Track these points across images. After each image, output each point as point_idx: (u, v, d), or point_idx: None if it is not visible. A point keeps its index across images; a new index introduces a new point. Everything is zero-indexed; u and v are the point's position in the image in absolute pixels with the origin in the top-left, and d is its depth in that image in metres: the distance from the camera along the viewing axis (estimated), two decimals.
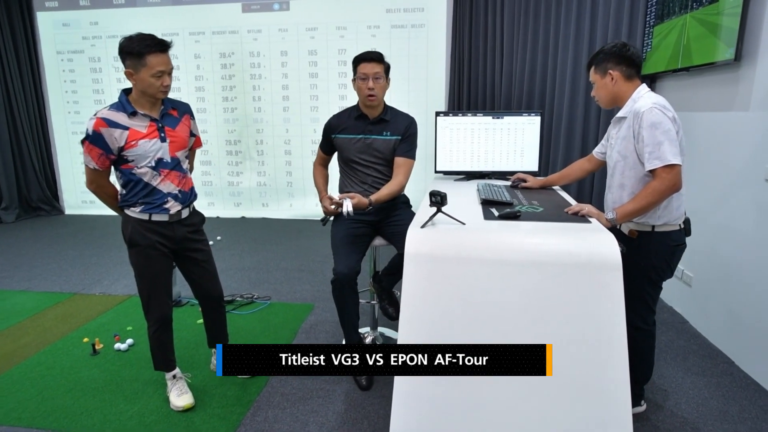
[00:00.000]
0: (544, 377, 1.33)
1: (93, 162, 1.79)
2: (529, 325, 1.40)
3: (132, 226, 1.88)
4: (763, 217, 2.24)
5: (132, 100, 1.81)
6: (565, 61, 3.85)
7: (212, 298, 2.18)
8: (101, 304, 3.21)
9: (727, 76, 2.49)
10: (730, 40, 2.35)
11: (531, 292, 1.42)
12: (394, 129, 2.25)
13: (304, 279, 3.65)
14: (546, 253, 1.45)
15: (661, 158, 1.65)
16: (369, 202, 2.11)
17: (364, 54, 2.17)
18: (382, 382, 2.15)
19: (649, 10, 3.22)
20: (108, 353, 2.57)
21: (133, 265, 1.94)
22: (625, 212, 1.71)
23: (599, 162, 2.14)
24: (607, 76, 1.83)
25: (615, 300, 1.38)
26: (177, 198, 1.93)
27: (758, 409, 2.09)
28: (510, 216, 1.69)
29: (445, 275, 1.47)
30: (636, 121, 1.71)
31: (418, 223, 1.62)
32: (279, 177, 5.51)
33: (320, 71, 5.18)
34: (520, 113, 2.53)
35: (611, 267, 1.40)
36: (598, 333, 1.36)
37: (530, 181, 2.29)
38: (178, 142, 1.91)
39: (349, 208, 2.01)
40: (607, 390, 1.31)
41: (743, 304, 2.36)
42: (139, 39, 1.72)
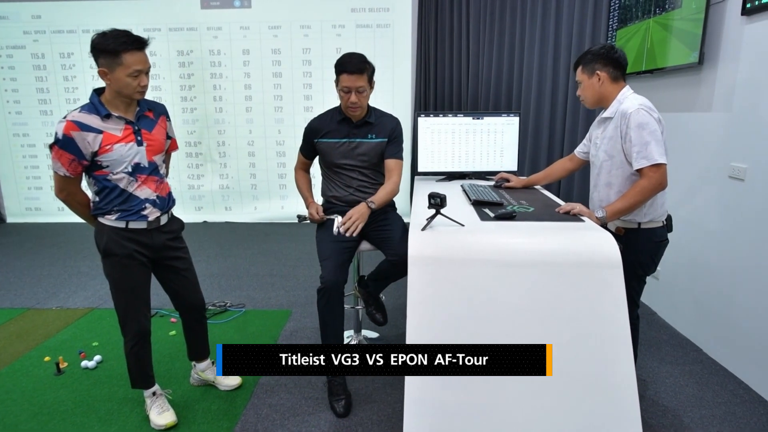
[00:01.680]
0: (554, 377, 1.34)
1: (63, 168, 1.65)
2: (535, 324, 1.41)
3: (107, 235, 1.75)
4: (726, 212, 2.37)
5: (105, 101, 1.68)
6: (531, 62, 3.95)
7: (194, 309, 2.07)
8: (59, 319, 2.99)
9: (690, 79, 2.63)
10: (693, 44, 2.47)
11: (535, 292, 1.43)
12: (380, 131, 2.22)
13: (277, 284, 3.54)
14: (548, 252, 1.47)
15: (648, 158, 1.71)
16: (370, 209, 2.05)
17: (346, 65, 2.04)
18: (360, 408, 2.09)
19: (612, 14, 3.35)
20: (74, 372, 2.39)
21: (108, 276, 1.81)
22: (615, 210, 1.76)
23: (581, 161, 2.20)
24: (594, 76, 1.88)
25: (617, 297, 1.41)
26: (155, 204, 1.81)
27: (729, 393, 2.20)
28: (506, 216, 1.70)
29: (450, 278, 1.45)
30: (623, 121, 1.77)
31: (418, 226, 1.60)
32: (242, 179, 5.35)
33: (284, 71, 5.06)
34: (500, 114, 2.56)
35: (612, 264, 1.43)
36: (602, 330, 1.39)
37: (513, 181, 2.32)
38: (156, 146, 1.80)
39: (339, 227, 1.95)
40: (614, 386, 1.34)
41: (709, 295, 2.49)
42: (114, 36, 1.59)
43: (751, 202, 2.21)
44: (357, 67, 2.03)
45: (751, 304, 2.21)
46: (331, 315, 2.04)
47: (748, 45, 2.24)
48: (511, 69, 4.16)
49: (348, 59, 2.05)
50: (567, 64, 3.70)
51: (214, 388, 2.23)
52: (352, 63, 2.04)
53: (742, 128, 2.27)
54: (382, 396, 2.19)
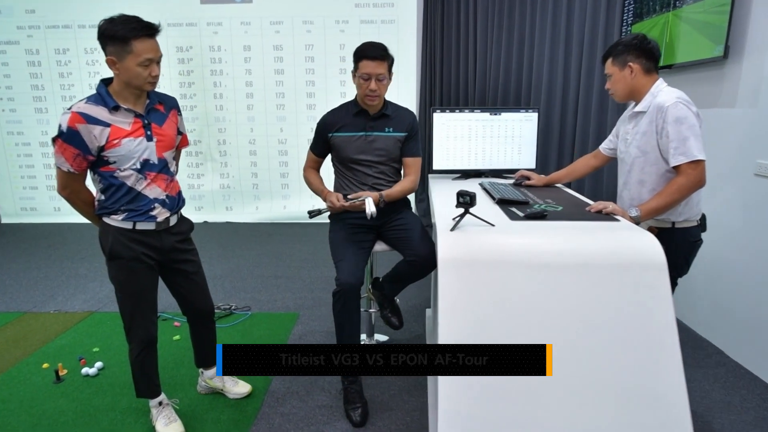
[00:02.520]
0: (598, 388, 1.25)
1: (67, 164, 1.54)
2: (577, 330, 1.32)
3: (113, 237, 1.64)
4: (750, 211, 2.29)
5: (113, 93, 1.57)
6: (541, 58, 3.86)
7: (203, 314, 1.96)
8: (58, 323, 2.87)
9: (712, 73, 2.55)
10: (718, 38, 2.39)
11: (576, 296, 1.34)
12: (397, 125, 2.12)
13: (283, 286, 3.44)
14: (587, 254, 1.38)
15: (687, 154, 1.62)
16: (380, 196, 1.97)
17: (367, 50, 1.99)
18: (377, 416, 2.00)
19: (627, 8, 3.27)
20: (75, 380, 2.27)
21: (113, 280, 1.70)
22: (650, 209, 1.67)
23: (606, 158, 2.11)
24: (626, 68, 1.79)
25: (663, 301, 1.32)
26: (164, 204, 1.70)
27: (758, 397, 2.13)
28: (536, 216, 1.61)
29: (484, 281, 1.36)
30: (659, 115, 1.68)
31: (445, 227, 1.50)
32: (244, 179, 5.23)
33: (286, 67, 4.95)
34: (518, 109, 2.47)
35: (657, 267, 1.35)
36: (649, 337, 1.30)
37: (534, 179, 2.23)
38: (166, 141, 1.69)
39: (372, 208, 1.84)
40: (664, 396, 1.26)
41: (731, 296, 2.42)
42: (123, 21, 1.49)
43: None
44: (379, 53, 1.97)
45: None
46: (347, 319, 1.94)
47: None
48: (520, 65, 4.07)
49: (369, 46, 2.00)
50: (579, 60, 3.62)
51: (223, 396, 2.13)
52: (373, 49, 1.98)
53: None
54: (398, 403, 2.10)
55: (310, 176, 2.25)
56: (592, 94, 3.52)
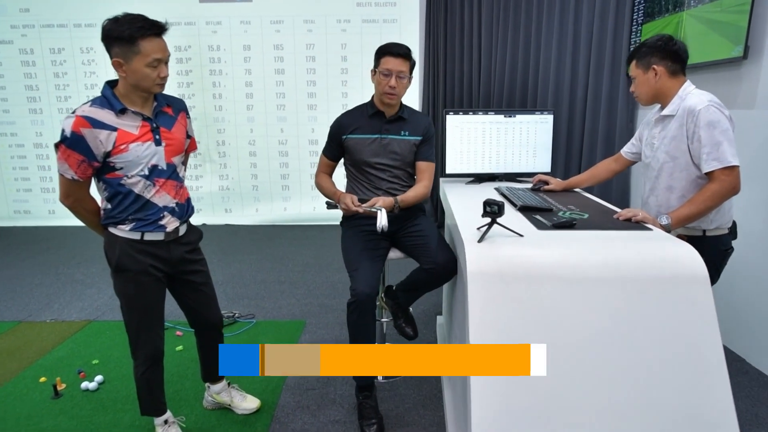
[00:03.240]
0: (642, 410, 1.18)
1: (71, 171, 1.45)
2: (616, 349, 1.25)
3: (120, 248, 1.54)
4: None
5: (119, 95, 1.48)
6: (548, 59, 3.79)
7: (211, 327, 1.87)
8: (55, 333, 2.77)
9: (730, 74, 2.49)
10: (737, 38, 2.33)
11: (616, 311, 1.27)
12: (413, 129, 2.05)
13: (287, 292, 3.35)
14: (623, 266, 1.31)
15: (720, 159, 1.56)
16: (395, 202, 1.90)
17: (391, 47, 1.93)
18: (394, 431, 1.93)
19: (637, 7, 3.21)
20: (74, 395, 2.18)
21: (120, 294, 1.60)
22: (681, 217, 1.61)
23: (627, 162, 2.05)
24: (650, 71, 1.72)
25: (707, 317, 1.25)
26: (174, 212, 1.61)
27: None
28: (565, 225, 1.54)
29: (516, 296, 1.29)
30: (690, 119, 1.61)
31: (471, 237, 1.43)
32: (243, 180, 5.13)
33: (287, 67, 4.86)
34: (533, 111, 2.40)
35: (699, 280, 1.28)
36: (694, 356, 1.23)
37: (553, 183, 2.16)
38: (175, 146, 1.60)
39: (384, 222, 1.76)
40: (712, 420, 1.19)
41: (750, 301, 2.36)
42: (130, 21, 1.40)
43: None
44: (403, 51, 1.92)
45: None
46: (363, 330, 1.86)
47: None
48: (526, 66, 4.00)
49: (393, 44, 1.95)
50: (587, 61, 3.56)
51: (230, 411, 2.04)
52: (398, 46, 1.93)
53: None
54: (414, 418, 2.02)
55: (323, 181, 2.16)
56: (601, 95, 3.46)
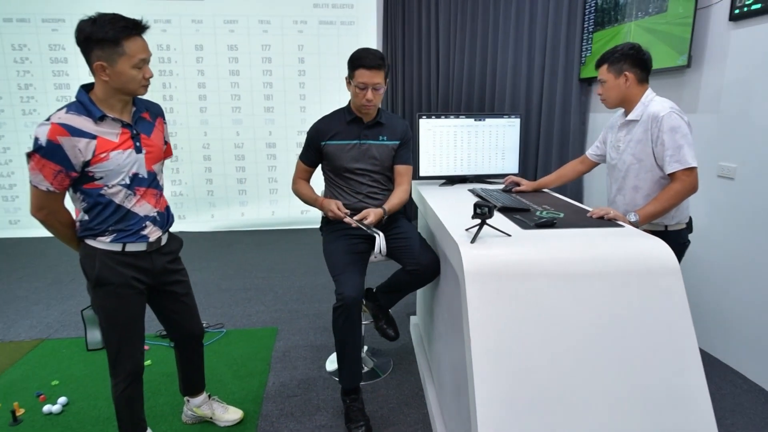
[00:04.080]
0: (627, 389, 1.28)
1: (46, 182, 1.36)
2: (602, 336, 1.33)
3: (100, 261, 1.46)
4: (715, 210, 2.45)
5: (97, 101, 1.40)
6: (505, 64, 3.94)
7: (193, 338, 1.81)
8: (3, 354, 2.56)
9: (674, 81, 2.71)
10: (681, 48, 2.54)
11: (600, 302, 1.36)
12: (391, 133, 2.08)
13: (254, 299, 3.28)
14: (604, 261, 1.40)
15: (682, 161, 1.70)
16: (384, 212, 1.92)
17: (364, 60, 1.90)
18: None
19: (587, 16, 3.41)
20: (35, 420, 2.03)
21: (100, 308, 1.52)
22: (648, 214, 1.74)
23: (592, 164, 2.18)
24: (621, 76, 1.84)
25: (680, 305, 1.37)
26: (155, 221, 1.55)
27: (730, 384, 2.28)
28: (547, 224, 1.62)
29: (511, 293, 1.35)
30: (654, 125, 1.75)
31: (465, 238, 1.48)
32: (198, 185, 4.96)
33: (242, 68, 4.75)
34: (501, 115, 2.50)
35: (672, 271, 1.39)
36: (670, 340, 1.34)
37: (524, 185, 2.26)
38: (155, 153, 1.54)
39: (383, 247, 1.78)
40: (688, 397, 1.30)
41: (700, 291, 2.57)
42: (111, 21, 1.33)
43: (741, 200, 2.31)
44: (376, 62, 1.89)
45: (744, 298, 2.31)
46: (351, 333, 1.87)
47: (735, 49, 2.33)
48: (483, 70, 4.14)
49: (365, 53, 1.91)
50: (542, 65, 3.73)
51: (212, 424, 1.98)
52: (370, 58, 1.89)
53: (730, 129, 2.36)
54: (399, 417, 2.05)
55: (301, 188, 2.14)
56: (556, 99, 3.65)
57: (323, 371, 2.39)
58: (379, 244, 1.79)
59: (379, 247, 1.79)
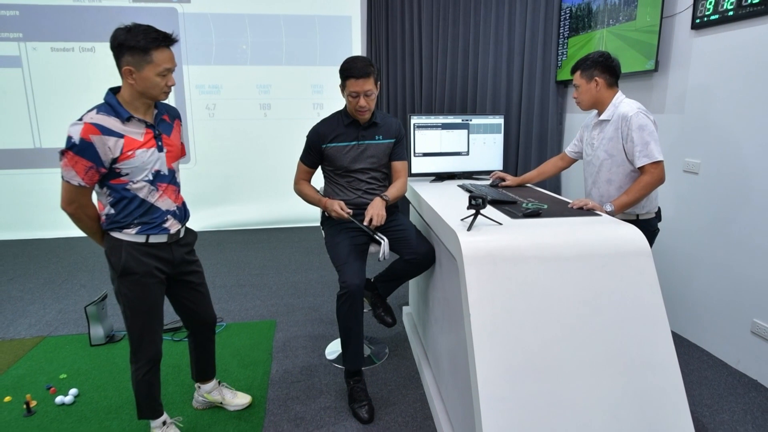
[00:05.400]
0: (606, 360, 1.45)
1: (78, 177, 1.46)
2: (587, 312, 1.51)
3: (126, 252, 1.57)
4: (680, 202, 2.68)
5: (123, 103, 1.52)
6: (485, 67, 4.14)
7: (207, 326, 1.92)
8: (6, 353, 2.61)
9: (642, 84, 2.94)
10: (649, 53, 2.77)
11: (581, 282, 1.53)
12: (386, 132, 2.22)
13: (250, 295, 3.39)
14: (585, 245, 1.58)
15: (649, 156, 1.90)
16: (386, 200, 2.08)
17: (353, 70, 2.00)
18: (382, 412, 2.08)
19: (563, 23, 3.63)
20: (49, 410, 2.11)
21: (124, 297, 1.62)
22: (621, 204, 1.93)
23: (571, 160, 2.37)
24: (592, 81, 2.04)
25: (651, 283, 1.55)
26: (175, 215, 1.67)
27: (696, 360, 2.50)
28: (533, 214, 1.79)
29: (505, 275, 1.51)
30: (624, 124, 1.94)
31: (461, 227, 1.64)
32: (183, 185, 4.99)
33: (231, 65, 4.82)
34: (486, 115, 2.68)
35: (644, 253, 1.58)
36: (643, 313, 1.52)
37: (509, 180, 2.43)
38: (174, 152, 1.66)
39: (387, 252, 1.92)
40: (660, 363, 1.48)
41: (666, 278, 2.80)
42: (144, 32, 1.45)
43: (705, 192, 2.54)
44: (363, 71, 2.01)
45: (708, 282, 2.54)
46: (354, 320, 2.01)
47: (697, 55, 2.56)
48: (465, 73, 4.33)
49: (353, 64, 2.03)
50: (521, 68, 3.94)
51: (222, 409, 2.09)
52: (357, 68, 2.01)
53: (694, 128, 2.59)
54: (398, 397, 2.20)
55: (304, 188, 2.27)
56: (534, 100, 3.85)
57: (323, 359, 2.52)
58: (383, 250, 1.92)
59: (383, 254, 1.92)
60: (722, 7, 2.34)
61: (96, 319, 2.64)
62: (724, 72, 2.39)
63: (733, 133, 2.36)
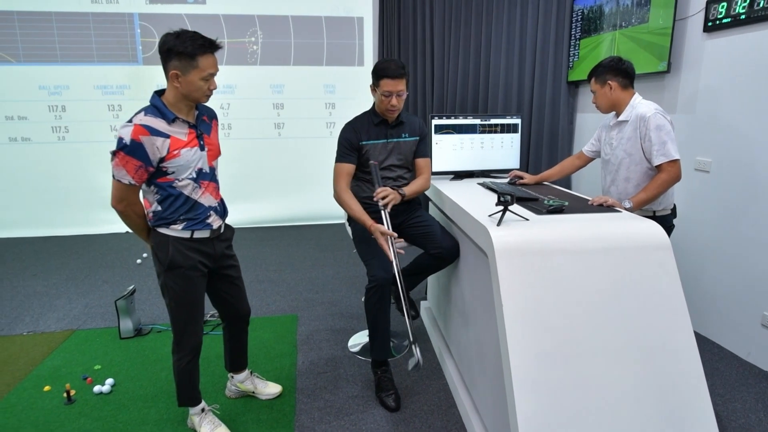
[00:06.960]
0: (630, 348, 1.53)
1: (128, 176, 1.55)
2: (611, 302, 1.59)
3: (173, 246, 1.66)
4: (693, 201, 2.76)
5: (168, 104, 1.60)
6: (497, 68, 4.21)
7: (242, 318, 2.01)
8: (37, 345, 2.69)
9: (654, 85, 3.01)
10: (661, 55, 2.84)
11: (607, 273, 1.61)
12: (411, 130, 2.31)
13: (270, 290, 3.47)
14: (609, 239, 1.66)
15: (667, 155, 1.98)
16: (402, 195, 2.15)
17: (388, 71, 2.09)
18: (408, 400, 2.17)
19: (575, 24, 3.71)
20: (88, 399, 2.19)
21: (170, 289, 1.70)
22: (640, 201, 2.01)
23: (588, 159, 2.45)
24: (606, 86, 2.12)
25: (672, 275, 1.64)
26: (217, 211, 1.76)
27: (708, 353, 2.58)
28: (557, 210, 1.88)
29: (535, 267, 1.59)
30: (642, 124, 2.02)
31: (490, 222, 1.72)
32: None
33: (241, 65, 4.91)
34: (504, 116, 2.76)
35: (664, 247, 1.66)
36: (665, 304, 1.61)
37: (527, 178, 2.51)
38: (214, 151, 1.75)
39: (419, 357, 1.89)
40: (681, 349, 1.57)
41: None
42: (191, 38, 1.53)
43: (715, 190, 2.62)
44: (398, 72, 2.10)
45: (719, 276, 2.62)
46: (382, 312, 2.10)
47: (709, 57, 2.64)
48: (477, 74, 4.40)
49: (388, 65, 2.12)
50: (532, 69, 4.01)
51: (254, 398, 2.18)
52: (392, 68, 2.10)
53: (705, 128, 2.67)
54: (422, 387, 2.28)
55: (350, 200, 2.14)
56: (545, 100, 3.93)
57: (347, 351, 2.61)
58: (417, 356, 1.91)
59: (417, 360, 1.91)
60: (734, 10, 2.41)
61: (125, 313, 2.73)
62: (735, 74, 2.47)
63: (744, 132, 2.44)
